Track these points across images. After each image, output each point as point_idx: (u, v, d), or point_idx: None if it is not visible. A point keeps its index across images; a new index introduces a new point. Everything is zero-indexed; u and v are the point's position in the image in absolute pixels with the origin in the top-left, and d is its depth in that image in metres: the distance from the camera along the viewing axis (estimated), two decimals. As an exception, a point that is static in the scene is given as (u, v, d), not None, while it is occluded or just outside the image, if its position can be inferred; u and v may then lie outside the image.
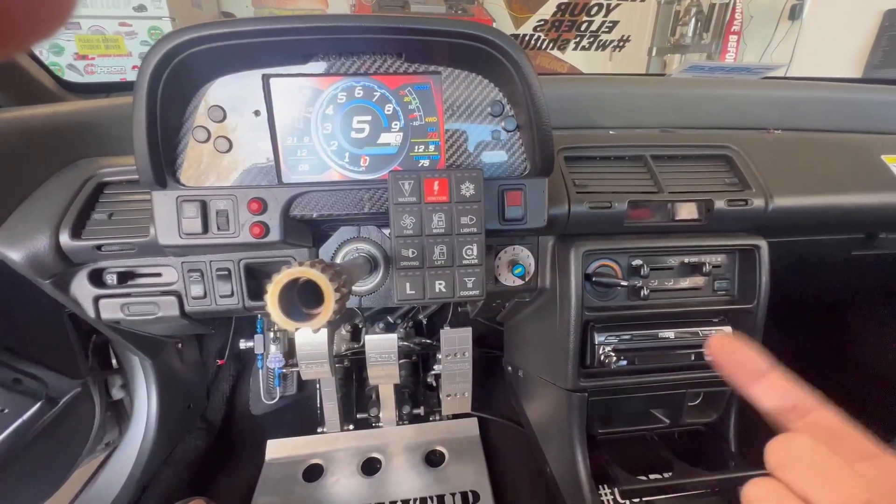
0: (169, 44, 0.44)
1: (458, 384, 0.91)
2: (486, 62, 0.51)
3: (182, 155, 0.52)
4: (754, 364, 0.24)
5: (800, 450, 0.20)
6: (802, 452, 0.19)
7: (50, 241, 0.54)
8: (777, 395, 0.23)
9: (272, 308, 0.29)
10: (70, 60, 2.40)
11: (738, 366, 0.24)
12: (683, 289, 0.68)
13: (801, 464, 0.19)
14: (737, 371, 0.24)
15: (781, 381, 0.23)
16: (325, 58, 0.52)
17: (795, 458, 0.19)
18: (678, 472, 0.69)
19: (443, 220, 0.49)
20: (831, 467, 0.19)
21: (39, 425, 0.68)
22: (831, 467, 0.19)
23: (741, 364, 0.24)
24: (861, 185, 0.69)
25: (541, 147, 0.53)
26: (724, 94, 0.86)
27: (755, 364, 0.24)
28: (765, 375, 0.23)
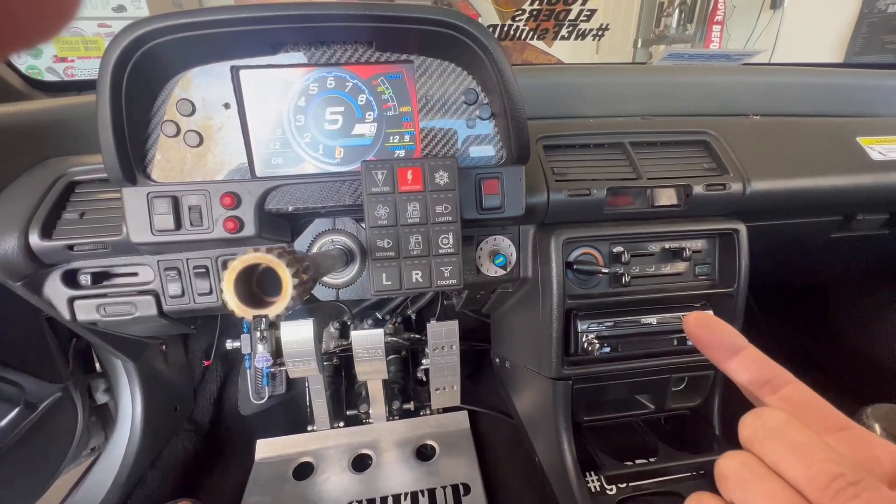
0: (130, 35, 0.43)
1: (447, 377, 0.91)
2: (457, 50, 0.50)
3: (152, 150, 0.51)
4: (730, 340, 0.24)
5: (772, 423, 0.20)
6: (775, 426, 0.20)
7: (19, 242, 0.53)
8: (751, 370, 0.23)
9: (228, 295, 0.28)
10: (49, 63, 2.36)
11: (715, 341, 0.24)
12: (664, 274, 0.69)
13: (773, 437, 0.19)
14: (713, 346, 0.24)
15: (756, 355, 0.24)
16: (295, 48, 0.51)
17: (768, 431, 0.20)
18: (663, 456, 0.70)
19: (417, 210, 0.48)
20: (803, 440, 0.19)
21: (18, 431, 0.67)
22: (803, 440, 0.19)
23: (717, 340, 0.24)
24: (837, 168, 0.69)
25: (516, 134, 0.52)
26: (703, 81, 0.87)
27: (730, 340, 0.24)
28: (740, 351, 0.24)
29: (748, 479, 0.19)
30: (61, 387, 0.74)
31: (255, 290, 0.30)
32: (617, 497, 0.69)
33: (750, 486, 0.19)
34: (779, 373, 0.23)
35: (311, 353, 0.82)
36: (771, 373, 0.23)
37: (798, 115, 0.84)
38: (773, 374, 0.23)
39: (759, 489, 0.19)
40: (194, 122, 0.51)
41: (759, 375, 0.23)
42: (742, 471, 0.20)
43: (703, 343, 0.25)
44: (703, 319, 0.25)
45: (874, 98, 0.87)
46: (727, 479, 0.20)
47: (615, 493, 0.69)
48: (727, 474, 0.20)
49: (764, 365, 0.23)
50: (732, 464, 0.20)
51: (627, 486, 0.70)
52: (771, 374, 0.23)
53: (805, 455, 0.18)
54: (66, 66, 2.37)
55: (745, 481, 0.19)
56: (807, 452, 0.18)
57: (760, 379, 0.23)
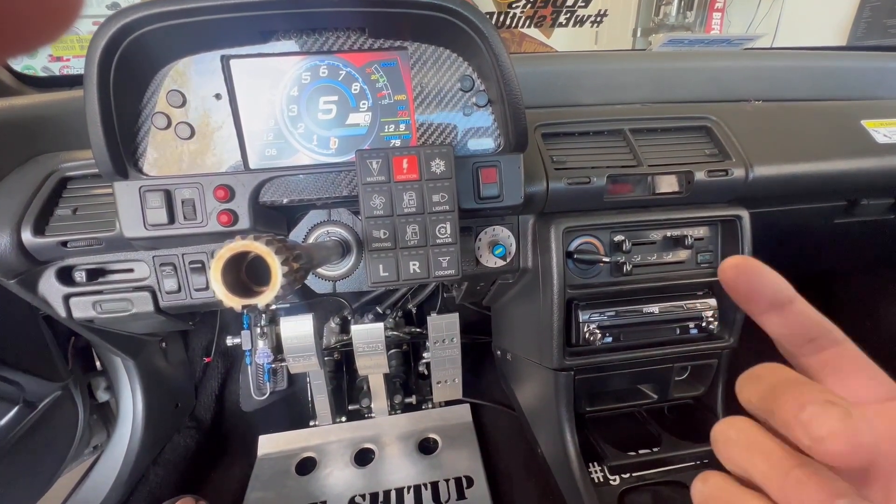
0: (116, 23, 0.42)
1: (448, 370, 0.91)
2: (452, 35, 0.49)
3: (143, 143, 0.50)
4: (774, 289, 0.20)
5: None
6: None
7: (11, 239, 0.53)
8: (795, 326, 0.20)
9: (216, 284, 0.27)
10: (45, 63, 2.35)
11: (756, 292, 0.21)
12: (666, 263, 0.68)
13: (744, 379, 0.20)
14: (753, 298, 0.21)
15: (804, 309, 0.20)
16: (286, 36, 0.50)
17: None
18: (666, 445, 0.69)
19: (414, 199, 0.48)
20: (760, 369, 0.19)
21: (18, 430, 0.67)
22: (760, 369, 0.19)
23: (759, 289, 0.20)
24: (841, 152, 0.68)
25: (513, 121, 0.51)
26: (704, 67, 0.85)
27: (775, 289, 0.20)
28: (786, 303, 0.20)
29: (732, 437, 0.19)
30: (61, 385, 0.74)
31: (244, 280, 0.30)
32: (620, 487, 0.68)
33: (732, 442, 0.19)
34: (827, 330, 0.20)
35: (311, 348, 0.81)
36: (818, 330, 0.20)
37: (800, 99, 0.83)
38: (821, 331, 0.20)
39: (742, 442, 0.19)
40: (185, 113, 0.50)
41: (804, 332, 0.20)
42: (729, 430, 0.20)
43: (740, 292, 0.21)
44: (744, 264, 0.21)
45: (878, 81, 0.85)
46: (716, 441, 0.20)
47: (618, 484, 0.69)
48: (716, 437, 0.20)
49: (811, 321, 0.20)
50: (722, 426, 0.20)
51: (631, 477, 0.69)
52: (818, 331, 0.20)
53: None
54: (62, 66, 2.36)
55: (730, 439, 0.19)
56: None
57: (804, 336, 0.20)
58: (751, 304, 0.21)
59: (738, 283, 0.21)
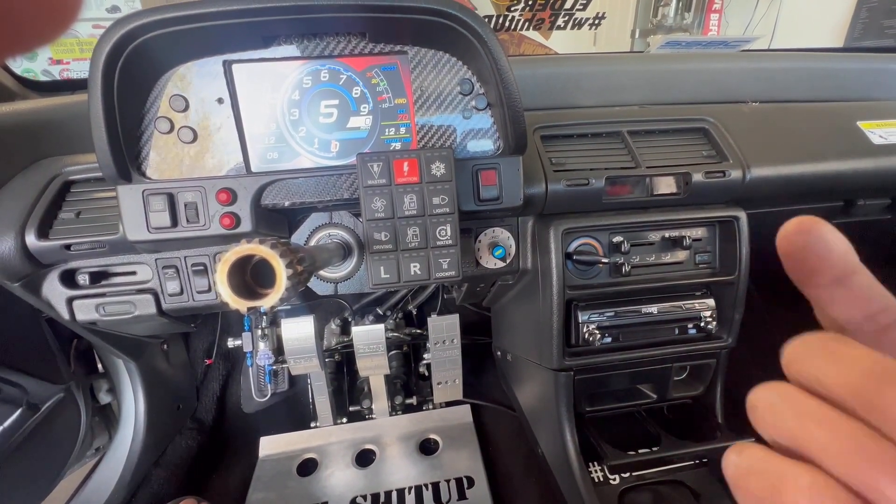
0: (120, 30, 0.42)
1: (449, 371, 0.91)
2: (452, 39, 0.50)
3: (146, 147, 0.51)
4: (843, 255, 0.17)
5: (815, 340, 0.17)
6: (818, 342, 0.16)
7: (16, 243, 0.53)
8: (860, 300, 0.18)
9: (221, 287, 0.28)
10: (45, 66, 2.35)
11: (824, 258, 0.17)
12: (665, 263, 0.68)
13: (815, 351, 0.16)
14: (820, 266, 0.18)
15: (868, 282, 0.18)
16: (287, 41, 0.50)
17: (808, 349, 0.17)
18: (666, 445, 0.70)
19: (414, 202, 0.48)
20: (844, 347, 0.16)
21: (22, 433, 0.67)
22: (844, 347, 0.16)
23: (827, 255, 0.17)
24: (837, 153, 0.69)
25: (513, 124, 0.52)
26: (701, 69, 0.86)
27: (845, 256, 0.17)
28: (848, 275, 0.17)
29: (777, 403, 0.17)
30: (63, 388, 0.74)
31: (249, 282, 0.30)
32: (620, 487, 0.69)
33: (779, 409, 0.16)
34: (889, 305, 0.18)
35: (312, 349, 0.82)
36: (880, 304, 0.18)
37: (797, 100, 0.84)
38: (882, 305, 0.18)
39: (791, 409, 0.16)
40: (188, 118, 0.51)
41: (865, 309, 0.18)
42: (772, 396, 0.17)
43: (805, 262, 0.18)
44: (809, 224, 0.18)
45: (874, 82, 0.86)
46: (755, 409, 0.17)
47: (618, 483, 0.69)
48: (755, 403, 0.17)
49: (875, 294, 0.18)
50: (763, 392, 0.17)
51: (630, 476, 0.70)
52: (880, 305, 0.18)
53: (845, 358, 0.15)
54: (62, 69, 2.36)
55: (775, 405, 0.17)
56: (847, 356, 0.16)
57: (864, 312, 0.18)
58: (814, 276, 0.18)
59: (803, 251, 0.18)
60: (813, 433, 0.15)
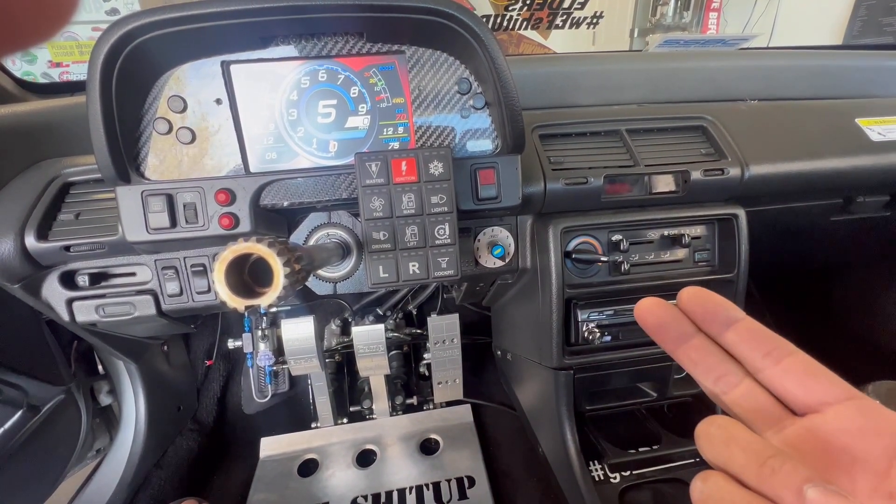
0: (118, 31, 0.42)
1: (449, 371, 0.91)
2: (449, 39, 0.50)
3: (145, 148, 0.51)
4: (724, 311, 0.23)
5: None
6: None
7: (15, 244, 0.53)
8: (749, 342, 0.23)
9: (219, 286, 0.28)
10: (44, 69, 2.35)
11: (709, 314, 0.24)
12: (664, 262, 0.68)
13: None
14: (707, 319, 0.24)
15: (753, 326, 0.23)
16: (285, 41, 0.50)
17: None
18: (666, 443, 0.70)
19: (413, 201, 0.48)
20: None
21: (22, 434, 0.67)
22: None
23: (711, 312, 0.24)
24: (836, 150, 0.69)
25: (511, 123, 0.52)
26: (700, 67, 0.86)
27: (725, 311, 0.23)
28: (735, 322, 0.23)
29: (713, 434, 0.21)
30: (64, 389, 0.74)
31: (246, 281, 0.30)
32: (621, 485, 0.69)
33: (714, 439, 0.21)
34: (779, 343, 0.22)
35: (312, 350, 0.82)
36: (770, 344, 0.22)
37: (795, 98, 0.84)
38: (773, 345, 0.22)
39: (722, 439, 0.20)
40: (186, 118, 0.51)
41: (760, 346, 0.22)
42: (710, 428, 0.21)
43: (697, 317, 0.24)
44: (698, 291, 0.24)
45: (872, 79, 0.86)
46: (699, 438, 0.21)
47: (619, 481, 0.69)
48: (699, 434, 0.21)
49: (762, 336, 0.22)
50: (704, 426, 0.21)
51: (631, 474, 0.70)
52: (771, 345, 0.22)
53: None
54: (62, 72, 2.37)
55: (712, 436, 0.21)
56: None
57: (761, 351, 0.22)
58: (708, 324, 0.24)
59: (695, 307, 0.24)
60: (735, 457, 0.20)
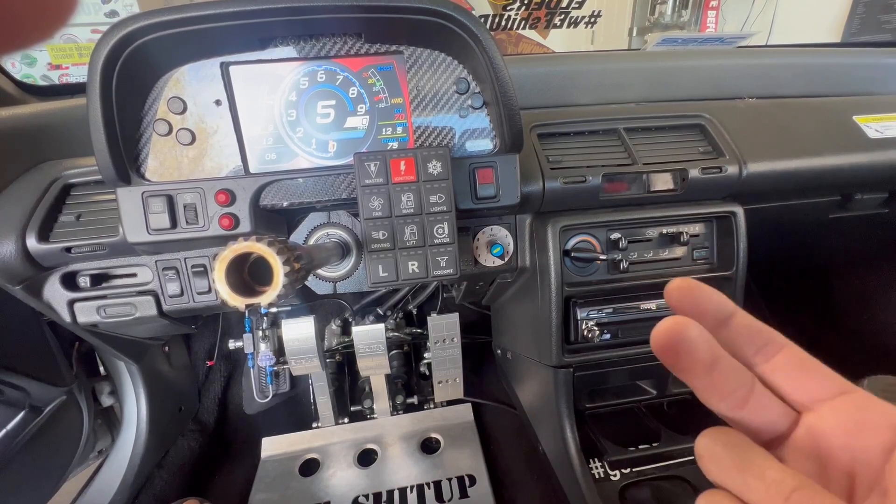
0: (118, 33, 0.43)
1: (449, 370, 0.92)
2: (447, 39, 0.50)
3: (145, 149, 0.51)
4: (716, 306, 0.22)
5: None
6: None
7: (16, 246, 0.53)
8: (743, 336, 0.22)
9: (220, 285, 0.28)
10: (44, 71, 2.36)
11: (702, 306, 0.22)
12: (663, 259, 0.69)
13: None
14: (700, 311, 0.22)
15: (746, 321, 0.22)
16: (284, 42, 0.51)
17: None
18: (666, 440, 0.70)
19: (412, 200, 0.48)
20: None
21: (24, 435, 0.67)
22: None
23: (705, 303, 0.22)
24: (834, 147, 0.69)
25: (509, 122, 0.52)
26: (698, 65, 0.86)
27: (717, 305, 0.22)
28: (729, 317, 0.22)
29: (721, 455, 0.19)
30: (66, 390, 0.75)
31: (246, 280, 0.30)
32: (621, 482, 0.69)
33: (723, 462, 0.19)
34: (772, 338, 0.21)
35: (313, 350, 0.82)
36: (763, 339, 0.21)
37: (793, 96, 0.84)
38: (766, 339, 0.21)
39: (733, 462, 0.19)
40: (186, 119, 0.51)
41: (752, 342, 0.21)
42: (716, 446, 0.19)
43: (687, 309, 0.22)
44: (686, 284, 0.22)
45: (870, 77, 0.86)
46: (701, 457, 0.20)
47: (619, 479, 0.69)
48: (701, 452, 0.20)
49: (755, 331, 0.22)
50: (707, 441, 0.20)
51: (631, 472, 0.70)
52: (763, 340, 0.21)
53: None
54: (61, 74, 2.37)
55: (718, 457, 0.19)
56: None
57: (753, 346, 0.21)
58: (699, 321, 0.22)
59: (684, 302, 0.22)
60: (752, 487, 0.18)
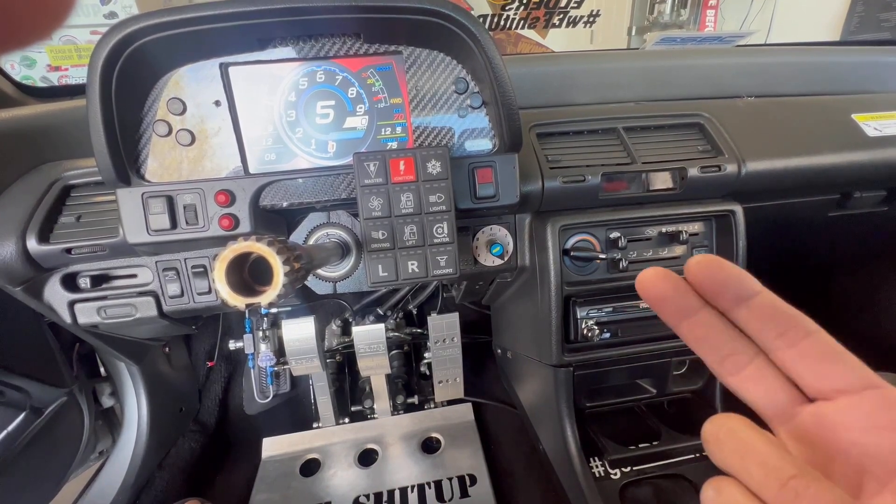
0: (117, 35, 0.43)
1: (449, 370, 0.92)
2: (446, 39, 0.50)
3: (145, 150, 0.51)
4: (739, 283, 0.20)
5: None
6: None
7: (17, 247, 0.54)
8: (765, 319, 0.20)
9: (219, 285, 0.28)
10: (43, 73, 2.36)
11: (723, 284, 0.20)
12: (662, 258, 0.69)
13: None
14: (721, 290, 0.21)
15: (771, 300, 0.20)
16: (283, 42, 0.51)
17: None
18: (666, 439, 0.70)
19: (411, 200, 0.49)
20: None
21: (26, 436, 0.68)
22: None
23: (726, 280, 0.20)
24: (833, 145, 0.69)
25: (507, 122, 0.52)
26: (696, 64, 0.86)
27: (740, 283, 0.20)
28: (752, 297, 0.20)
29: (724, 439, 0.19)
30: (66, 391, 0.75)
31: (246, 280, 0.30)
32: (621, 481, 0.69)
33: (726, 445, 0.19)
34: (797, 322, 0.20)
35: (313, 350, 0.82)
36: (788, 323, 0.20)
37: (792, 94, 0.84)
38: (791, 323, 0.20)
39: (734, 447, 0.19)
40: (186, 120, 0.51)
41: (774, 325, 0.20)
42: (720, 431, 0.19)
43: (706, 291, 0.21)
44: (707, 260, 0.20)
45: (868, 75, 0.86)
46: (707, 442, 0.20)
47: (619, 478, 0.70)
48: (706, 437, 0.20)
49: (780, 313, 0.20)
50: (712, 427, 0.20)
51: (631, 470, 0.70)
52: (788, 324, 0.20)
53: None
54: (61, 75, 2.37)
55: (721, 441, 0.19)
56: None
57: (775, 330, 0.20)
58: (719, 299, 0.21)
59: (704, 279, 0.21)
60: (752, 472, 0.18)
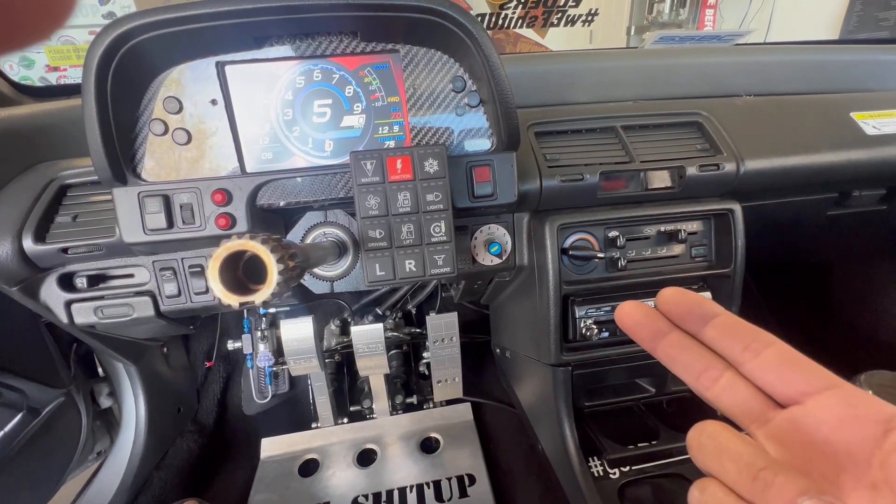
0: (112, 33, 0.43)
1: (448, 370, 0.91)
2: (443, 37, 0.50)
3: (141, 149, 0.51)
4: (701, 308, 0.24)
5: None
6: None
7: (13, 247, 0.53)
8: (728, 336, 0.23)
9: (213, 283, 0.28)
10: (42, 73, 2.35)
11: (691, 309, 0.24)
12: (661, 257, 0.69)
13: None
14: (690, 314, 0.24)
15: (731, 320, 0.23)
16: (280, 41, 0.51)
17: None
18: (664, 438, 0.70)
19: (408, 199, 0.48)
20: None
21: (23, 437, 0.67)
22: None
23: (694, 307, 0.24)
24: (831, 144, 0.69)
25: (505, 120, 0.52)
26: (695, 63, 0.86)
27: (702, 308, 0.24)
28: (716, 315, 0.23)
29: (705, 443, 0.21)
30: (64, 392, 0.75)
31: (241, 278, 0.30)
32: (620, 481, 0.69)
33: (706, 448, 0.21)
34: (757, 335, 0.22)
35: (311, 350, 0.82)
36: (749, 337, 0.22)
37: (790, 93, 0.84)
38: (752, 337, 0.22)
39: (712, 449, 0.20)
40: (182, 119, 0.51)
41: (739, 340, 0.22)
42: (701, 437, 0.21)
43: (675, 316, 0.24)
44: (678, 292, 0.25)
45: (867, 73, 0.86)
46: (690, 448, 0.21)
47: (618, 477, 0.69)
48: (690, 443, 0.22)
49: (742, 328, 0.22)
50: (695, 433, 0.22)
51: (630, 470, 0.70)
52: (749, 337, 0.22)
53: None
54: (59, 76, 2.36)
55: (703, 445, 0.21)
56: None
57: (740, 344, 0.22)
58: (687, 322, 0.24)
59: (672, 306, 0.25)
60: (727, 469, 0.19)
